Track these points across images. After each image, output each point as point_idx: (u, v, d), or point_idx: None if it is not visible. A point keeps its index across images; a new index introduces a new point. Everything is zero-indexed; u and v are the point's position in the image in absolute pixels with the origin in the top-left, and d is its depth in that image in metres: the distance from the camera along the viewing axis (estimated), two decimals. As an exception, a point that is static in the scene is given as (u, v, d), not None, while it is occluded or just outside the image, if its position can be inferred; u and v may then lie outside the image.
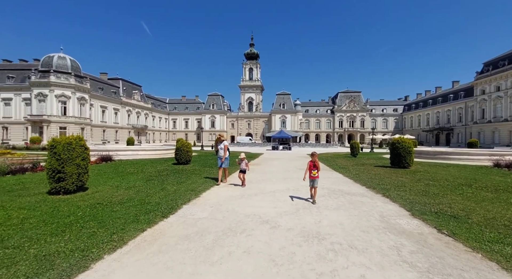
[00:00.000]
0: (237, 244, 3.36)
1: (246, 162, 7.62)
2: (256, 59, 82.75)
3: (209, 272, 2.65)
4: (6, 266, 2.61)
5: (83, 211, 4.57)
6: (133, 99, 61.62)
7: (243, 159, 7.57)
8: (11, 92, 45.49)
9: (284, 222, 4.25)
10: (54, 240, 3.27)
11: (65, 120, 43.33)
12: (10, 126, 45.29)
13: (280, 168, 12.40)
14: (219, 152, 8.08)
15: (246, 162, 7.63)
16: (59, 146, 5.76)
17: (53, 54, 44.15)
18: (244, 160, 7.56)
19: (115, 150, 16.95)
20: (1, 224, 3.83)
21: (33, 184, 6.97)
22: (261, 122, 77.75)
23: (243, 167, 7.48)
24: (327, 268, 2.72)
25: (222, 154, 7.96)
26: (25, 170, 9.20)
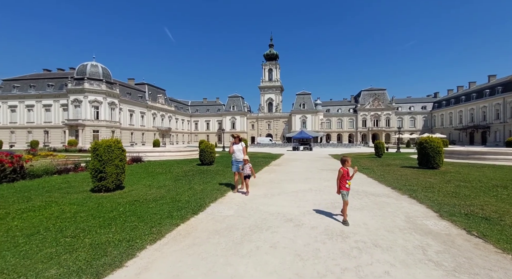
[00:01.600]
0: (264, 239, 3.59)
1: (250, 166, 6.67)
2: (276, 59, 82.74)
3: (239, 263, 2.90)
4: (68, 252, 3.06)
5: (124, 207, 5.06)
6: (157, 103, 64.53)
7: (247, 162, 6.67)
8: (51, 98, 49.82)
9: (307, 221, 4.40)
10: (103, 232, 3.72)
11: (97, 124, 46.51)
12: (50, 130, 49.57)
13: (302, 169, 12.45)
14: (236, 154, 6.93)
15: (250, 166, 6.68)
16: (101, 149, 6.38)
17: (86, 63, 47.67)
18: (248, 164, 6.64)
19: (144, 152, 18.00)
20: (58, 217, 4.40)
21: (77, 183, 7.74)
22: (281, 122, 77.55)
23: (247, 172, 6.57)
24: (352, 264, 2.84)
25: (240, 156, 6.86)
26: (68, 170, 10.19)
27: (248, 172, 6.57)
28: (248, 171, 6.57)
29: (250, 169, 6.62)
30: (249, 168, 6.60)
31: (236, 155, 6.91)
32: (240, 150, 6.88)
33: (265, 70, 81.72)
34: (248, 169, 6.57)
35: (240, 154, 6.86)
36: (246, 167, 6.57)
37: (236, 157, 6.93)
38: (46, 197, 5.82)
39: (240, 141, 6.98)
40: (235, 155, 6.93)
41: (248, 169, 6.58)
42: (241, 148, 6.89)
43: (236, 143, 6.95)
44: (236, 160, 6.92)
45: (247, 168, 6.57)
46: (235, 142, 6.95)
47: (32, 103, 50.46)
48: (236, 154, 6.92)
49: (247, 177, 6.56)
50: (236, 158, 6.93)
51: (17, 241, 3.34)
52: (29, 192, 6.40)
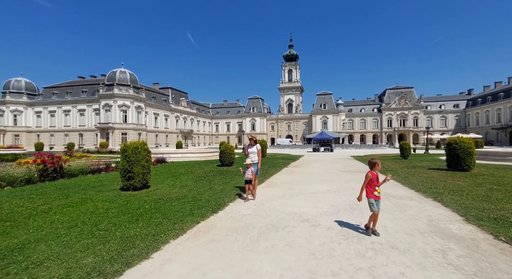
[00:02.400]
0: (280, 238, 3.69)
1: (252, 170, 6.17)
2: (295, 60, 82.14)
3: (255, 259, 3.03)
4: (102, 243, 3.40)
5: (149, 204, 5.43)
6: (180, 106, 66.93)
7: (249, 166, 6.19)
8: (85, 104, 53.75)
9: (324, 221, 4.43)
10: (132, 226, 4.06)
11: (125, 127, 49.31)
12: (84, 133, 53.44)
13: (321, 170, 12.31)
14: (250, 156, 6.69)
15: (253, 170, 6.20)
16: (129, 150, 6.88)
17: (116, 70, 50.84)
18: (250, 168, 6.17)
19: (167, 153, 18.85)
20: (92, 212, 4.85)
21: (109, 182, 8.37)
22: (301, 123, 76.69)
23: (249, 177, 6.05)
24: (366, 264, 2.86)
25: (255, 159, 6.64)
26: (100, 170, 11.02)
27: (249, 177, 6.05)
28: (249, 176, 6.06)
29: (252, 174, 6.16)
30: (251, 173, 6.11)
31: (251, 158, 6.76)
32: (255, 153, 6.69)
33: (284, 71, 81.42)
34: (249, 174, 6.08)
35: (254, 157, 6.69)
36: (248, 171, 6.09)
37: (251, 160, 6.76)
38: (82, 194, 6.40)
39: (256, 143, 6.79)
40: (250, 157, 6.79)
41: (250, 173, 6.09)
42: (255, 151, 6.68)
43: (252, 145, 6.77)
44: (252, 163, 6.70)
45: (249, 173, 6.08)
46: (251, 144, 6.80)
47: (69, 108, 54.81)
48: (250, 156, 6.77)
49: (248, 182, 6.07)
50: (251, 160, 6.75)
51: (59, 232, 3.77)
52: (68, 189, 7.06)
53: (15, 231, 3.83)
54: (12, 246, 3.27)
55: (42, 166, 8.37)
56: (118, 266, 2.77)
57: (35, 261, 2.87)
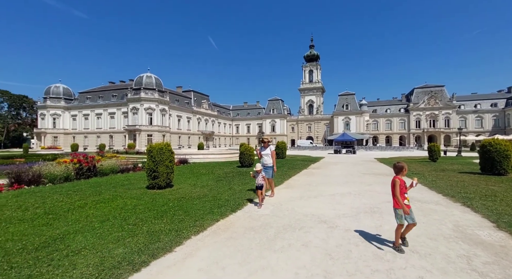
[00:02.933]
0: (296, 238, 3.75)
1: (263, 175, 5.86)
2: (316, 60, 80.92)
3: (272, 257, 3.13)
4: (131, 236, 3.69)
5: (173, 202, 5.74)
6: (202, 108, 68.78)
7: (259, 171, 5.84)
8: (115, 107, 57.21)
9: (342, 223, 4.40)
10: (157, 222, 4.34)
11: (151, 129, 51.72)
12: (114, 134, 56.83)
13: (342, 172, 12.05)
14: (264, 159, 6.57)
15: (263, 175, 5.89)
16: (154, 151, 7.30)
17: (142, 74, 53.61)
18: (261, 173, 5.83)
19: (189, 154, 19.52)
20: (122, 208, 5.24)
21: (136, 181, 8.92)
22: (322, 125, 75.22)
23: (260, 182, 5.73)
24: (383, 267, 2.83)
25: (269, 161, 6.51)
26: (129, 169, 11.74)
27: (260, 182, 5.73)
28: (260, 181, 5.74)
29: (263, 179, 5.83)
30: (262, 178, 5.79)
31: (264, 160, 6.59)
32: (269, 155, 6.52)
33: (305, 72, 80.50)
34: (260, 179, 5.76)
35: (268, 159, 6.53)
36: (259, 176, 5.77)
37: (264, 162, 6.59)
38: (112, 192, 6.91)
39: (269, 145, 6.66)
40: (263, 160, 6.63)
41: (261, 178, 5.77)
42: (269, 153, 6.52)
43: (265, 147, 6.63)
44: (264, 166, 6.52)
45: (260, 178, 5.76)
46: (264, 146, 6.65)
47: (100, 111, 58.72)
48: (264, 158, 6.59)
49: (259, 187, 5.72)
50: (264, 163, 6.57)
51: (93, 225, 4.14)
52: (100, 187, 7.65)
53: (57, 223, 4.28)
54: (54, 236, 3.67)
55: (78, 165, 9.13)
56: (145, 257, 3.02)
57: (74, 249, 3.20)
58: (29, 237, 3.59)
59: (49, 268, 2.73)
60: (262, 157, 6.59)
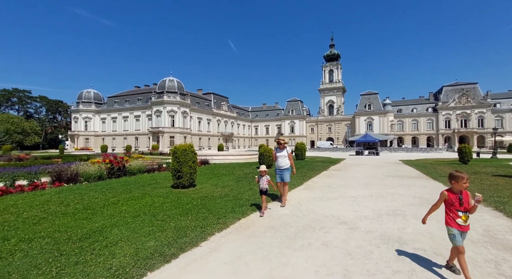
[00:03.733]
0: (316, 237, 3.82)
1: (268, 178, 5.23)
2: (337, 59, 79.27)
3: (292, 255, 3.24)
4: (160, 231, 3.98)
5: (196, 201, 6.02)
6: (221, 110, 70.07)
7: (264, 173, 5.24)
8: (140, 110, 60.08)
9: (363, 225, 4.38)
10: (183, 219, 4.61)
11: (173, 131, 53.65)
12: (139, 136, 59.65)
13: (364, 174, 11.77)
14: (279, 161, 6.06)
15: (268, 178, 5.26)
16: (179, 152, 7.69)
17: (165, 78, 55.86)
18: (266, 176, 5.23)
19: (210, 155, 20.05)
20: (151, 205, 5.61)
21: (161, 180, 9.40)
22: (343, 125, 73.35)
23: (264, 186, 5.17)
24: (405, 267, 2.83)
25: (284, 164, 6.01)
26: (154, 170, 12.37)
27: (264, 186, 5.16)
28: (264, 185, 5.16)
29: (269, 182, 5.26)
30: (267, 181, 5.19)
31: (279, 163, 6.08)
32: (285, 157, 6.03)
33: (325, 72, 79.11)
34: (265, 183, 5.18)
35: (283, 161, 6.02)
36: (263, 179, 5.19)
37: (278, 165, 6.09)
38: (141, 190, 7.38)
39: (285, 147, 6.19)
40: (278, 162, 6.10)
41: (265, 182, 5.18)
42: (285, 154, 6.04)
43: (280, 149, 6.15)
44: (280, 168, 6.09)
45: (264, 181, 5.18)
46: (279, 147, 6.18)
47: (127, 114, 61.98)
48: (279, 161, 6.08)
49: (263, 192, 5.20)
50: (279, 166, 6.09)
51: (127, 220, 4.51)
52: (130, 185, 8.19)
53: (95, 217, 4.71)
54: (94, 228, 4.06)
55: (109, 165, 9.83)
56: (174, 250, 3.27)
57: (111, 241, 3.54)
58: (73, 229, 4.01)
59: (92, 256, 3.06)
60: (277, 159, 6.12)
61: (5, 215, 4.79)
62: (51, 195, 6.63)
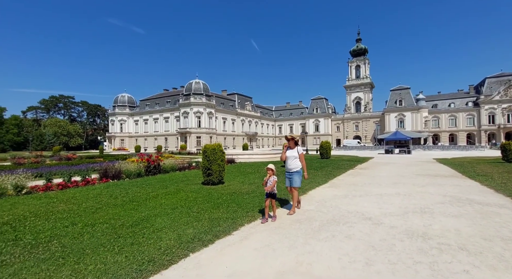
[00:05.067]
0: (340, 231, 4.03)
1: (275, 179, 4.65)
2: (364, 54, 76.28)
3: (316, 245, 3.50)
4: (196, 221, 4.47)
5: (226, 196, 6.49)
6: (245, 110, 71.09)
7: (271, 173, 4.68)
8: (169, 112, 63.20)
9: (388, 221, 4.48)
10: (215, 211, 5.08)
11: (199, 131, 55.70)
12: (168, 137, 62.79)
13: (392, 173, 11.46)
14: (287, 162, 5.11)
15: (275, 179, 4.67)
16: (208, 151, 8.25)
17: (192, 81, 58.17)
18: (272, 176, 4.67)
19: (236, 154, 20.71)
20: (185, 199, 6.19)
21: (192, 177, 10.10)
22: (371, 123, 70.37)
23: (269, 189, 4.60)
24: (427, 259, 2.96)
25: (294, 166, 5.03)
26: (184, 168, 13.22)
27: (271, 189, 4.60)
28: (270, 187, 4.60)
29: (274, 183, 4.64)
30: (273, 183, 4.62)
31: (288, 164, 5.09)
32: (295, 157, 5.03)
33: (351, 68, 76.51)
34: (271, 184, 4.61)
35: (294, 163, 5.03)
36: (271, 180, 4.64)
37: (288, 167, 5.13)
38: (175, 186, 8.06)
39: (296, 144, 5.20)
40: (287, 164, 5.12)
41: (271, 184, 4.61)
42: (296, 155, 5.04)
43: (291, 147, 5.17)
44: (289, 171, 5.12)
45: (271, 182, 4.62)
46: (290, 146, 5.20)
47: (157, 116, 65.59)
48: (288, 162, 5.08)
49: (271, 196, 4.62)
50: (288, 168, 5.13)
51: (167, 211, 5.09)
52: (165, 182, 8.95)
53: (140, 208, 5.36)
54: (141, 217, 4.68)
55: (146, 164, 10.77)
56: (210, 237, 3.71)
57: (157, 228, 4.09)
58: (124, 217, 4.66)
59: (143, 239, 3.61)
60: (287, 159, 5.12)
61: (69, 205, 5.65)
62: (101, 189, 7.55)
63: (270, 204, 4.74)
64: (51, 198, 6.37)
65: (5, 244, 3.45)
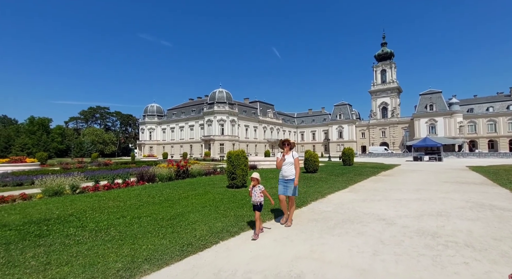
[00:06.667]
0: (353, 228, 4.40)
1: (261, 188, 4.21)
2: (390, 58, 73.92)
3: (330, 238, 3.92)
4: (223, 217, 5.09)
5: (249, 198, 7.05)
6: (267, 117, 71.91)
7: (256, 182, 4.22)
8: (193, 120, 66.01)
9: (401, 222, 4.74)
10: (240, 210, 5.67)
11: (222, 138, 57.38)
12: (193, 144, 65.35)
13: (417, 180, 11.27)
14: (283, 169, 4.64)
15: (262, 188, 4.23)
16: (233, 157, 8.95)
17: (215, 90, 60.51)
18: (258, 185, 4.22)
19: (258, 161, 21.32)
20: (213, 200, 6.87)
21: (217, 181, 10.84)
22: (399, 129, 67.36)
23: (256, 200, 4.13)
24: (431, 253, 3.26)
25: (290, 173, 4.58)
26: (210, 173, 14.08)
27: (257, 200, 4.11)
28: (258, 198, 4.11)
29: (262, 193, 4.19)
30: (260, 192, 4.16)
31: (284, 171, 4.62)
32: (292, 164, 4.58)
33: (376, 72, 74.39)
34: (257, 195, 4.13)
35: (290, 170, 4.59)
36: (256, 190, 4.17)
37: (283, 174, 4.66)
38: (203, 189, 8.82)
39: (292, 150, 4.75)
40: (283, 170, 4.64)
41: (258, 195, 4.13)
42: (292, 160, 4.59)
43: (287, 153, 4.67)
44: (284, 179, 4.66)
45: (257, 193, 4.15)
46: (285, 152, 4.69)
47: (183, 125, 68.79)
48: (283, 169, 4.61)
49: (257, 208, 4.11)
50: (284, 175, 4.65)
51: (198, 209, 5.78)
52: (193, 185, 9.77)
53: (175, 206, 6.12)
54: (176, 213, 5.41)
55: (176, 168, 11.75)
56: (236, 229, 4.29)
57: (191, 221, 4.77)
58: (163, 213, 5.43)
59: (181, 229, 4.30)
60: (283, 166, 4.63)
61: (116, 202, 6.60)
62: (139, 190, 8.54)
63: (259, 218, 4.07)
64: (100, 196, 7.42)
65: (75, 229, 4.33)
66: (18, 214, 5.39)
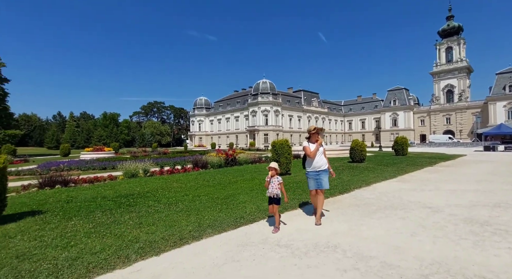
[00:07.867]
0: (395, 214, 4.52)
1: (279, 180, 3.91)
2: (458, 33, 63.90)
3: (369, 221, 4.17)
4: (252, 199, 5.69)
5: (293, 184, 7.55)
6: (312, 106, 70.02)
7: (274, 172, 3.88)
8: (239, 112, 68.37)
9: (448, 210, 4.64)
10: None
11: (267, 129, 58.32)
12: (238, 134, 68.01)
13: (482, 171, 10.13)
14: (316, 160, 4.27)
15: (280, 180, 3.92)
16: (277, 145, 9.48)
17: (259, 81, 61.30)
18: (276, 176, 3.90)
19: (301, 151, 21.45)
20: (259, 184, 7.55)
21: (263, 169, 11.54)
22: (468, 114, 58.51)
23: (273, 192, 3.82)
24: (474, 238, 3.28)
25: (322, 163, 4.27)
26: (255, 161, 14.93)
27: (275, 191, 3.82)
28: (275, 190, 3.82)
29: (280, 185, 3.87)
30: (277, 184, 3.86)
31: (316, 161, 4.26)
32: (322, 153, 4.33)
33: (440, 51, 65.17)
34: (276, 186, 3.84)
35: (322, 159, 4.29)
36: (274, 181, 3.86)
37: (315, 165, 4.27)
38: (250, 175, 9.61)
39: (317, 139, 4.33)
40: (315, 160, 4.26)
41: (276, 186, 3.84)
42: (322, 150, 4.34)
43: (313, 141, 4.33)
44: (317, 170, 4.26)
45: (275, 184, 3.85)
46: (318, 143, 4.26)
47: (229, 116, 71.94)
48: (316, 158, 4.26)
49: (274, 201, 3.84)
50: (315, 166, 4.27)
51: (246, 192, 6.52)
52: (241, 172, 10.67)
53: (226, 188, 7.00)
54: (228, 194, 6.24)
55: (225, 157, 12.87)
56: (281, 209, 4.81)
57: (240, 201, 5.51)
58: (217, 194, 6.32)
59: (233, 206, 5.06)
60: (315, 157, 4.25)
61: (179, 183, 7.83)
62: (195, 175, 9.79)
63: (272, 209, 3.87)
64: (166, 179, 8.82)
65: (153, 202, 5.48)
66: (111, 190, 6.94)
